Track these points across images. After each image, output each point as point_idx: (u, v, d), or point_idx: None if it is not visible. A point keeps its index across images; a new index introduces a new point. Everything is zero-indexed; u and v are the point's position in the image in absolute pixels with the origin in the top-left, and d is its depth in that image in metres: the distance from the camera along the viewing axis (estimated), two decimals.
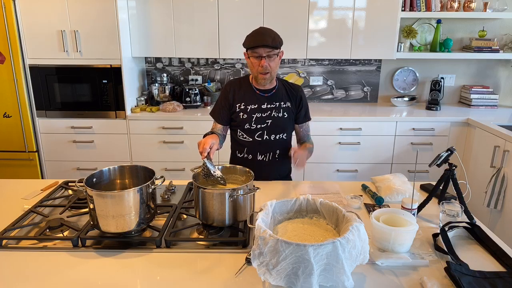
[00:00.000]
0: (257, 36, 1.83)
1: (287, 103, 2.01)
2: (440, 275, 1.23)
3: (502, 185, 2.73)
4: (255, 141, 1.99)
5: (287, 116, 2.00)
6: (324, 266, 1.08)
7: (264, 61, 1.83)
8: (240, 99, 1.98)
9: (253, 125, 1.97)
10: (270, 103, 1.98)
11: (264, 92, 1.99)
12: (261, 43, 1.80)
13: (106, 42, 3.11)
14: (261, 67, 1.85)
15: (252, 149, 2.01)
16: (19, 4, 3.03)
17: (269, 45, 1.81)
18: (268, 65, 1.85)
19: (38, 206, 1.66)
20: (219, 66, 3.73)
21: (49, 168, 3.38)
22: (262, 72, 1.87)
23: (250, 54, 1.87)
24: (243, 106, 1.97)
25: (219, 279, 1.22)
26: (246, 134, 1.99)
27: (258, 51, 1.82)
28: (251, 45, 1.83)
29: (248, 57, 1.89)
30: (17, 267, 1.27)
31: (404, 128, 3.25)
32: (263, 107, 1.97)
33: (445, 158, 1.59)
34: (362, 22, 3.27)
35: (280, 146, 2.03)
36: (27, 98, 3.19)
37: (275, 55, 1.86)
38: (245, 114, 1.97)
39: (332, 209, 1.33)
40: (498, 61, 3.70)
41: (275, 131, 1.99)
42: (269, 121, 1.98)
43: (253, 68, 1.90)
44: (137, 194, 1.37)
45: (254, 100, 1.97)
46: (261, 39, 1.81)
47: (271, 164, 2.03)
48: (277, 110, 1.99)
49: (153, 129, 3.26)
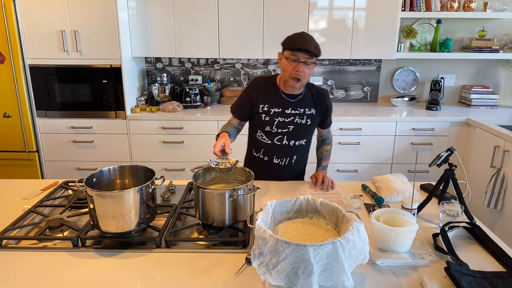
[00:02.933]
0: (301, 40, 1.76)
1: (311, 109, 1.95)
2: (440, 275, 1.23)
3: (502, 185, 2.73)
4: (274, 144, 1.95)
5: (310, 123, 1.95)
6: (324, 266, 1.08)
7: (300, 66, 1.76)
8: (264, 100, 1.92)
9: (274, 128, 1.92)
10: (294, 109, 1.92)
11: (291, 97, 1.92)
12: (304, 47, 1.73)
13: (106, 42, 3.11)
14: (295, 71, 1.78)
15: (269, 152, 1.97)
16: (19, 4, 3.03)
17: (311, 52, 1.74)
18: (303, 71, 1.78)
19: (38, 206, 1.66)
20: (219, 66, 3.73)
21: (49, 168, 3.38)
22: (294, 76, 1.80)
23: (288, 55, 1.79)
24: (266, 108, 1.91)
25: (219, 279, 1.22)
26: (265, 136, 1.95)
27: (298, 55, 1.76)
28: (292, 46, 1.76)
29: (285, 58, 1.80)
30: (17, 267, 1.27)
31: (404, 128, 3.25)
32: (287, 112, 1.91)
33: (445, 158, 1.59)
34: (362, 22, 3.27)
35: (299, 151, 2.00)
36: (27, 98, 3.19)
37: (312, 63, 1.80)
38: (267, 117, 1.91)
39: (332, 209, 1.33)
40: (498, 61, 3.70)
41: (295, 137, 1.95)
42: (291, 126, 1.93)
43: (286, 71, 1.82)
44: (137, 194, 1.37)
45: (279, 104, 1.91)
46: (305, 43, 1.74)
47: (286, 168, 2.00)
48: (300, 116, 1.93)
49: (153, 129, 3.26)
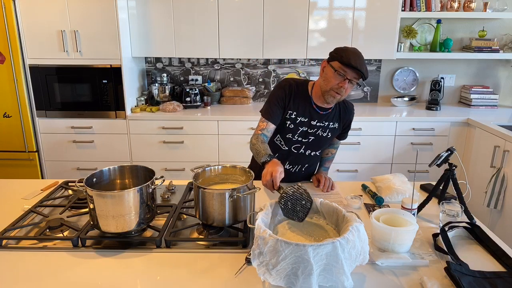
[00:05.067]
0: (356, 58, 1.68)
1: (335, 124, 1.93)
2: (440, 275, 1.23)
3: (502, 185, 2.73)
4: (290, 151, 1.92)
5: (330, 136, 1.94)
6: (323, 266, 1.08)
7: (346, 82, 1.70)
8: (294, 107, 1.86)
9: (295, 137, 1.89)
10: (320, 121, 1.89)
11: (321, 110, 1.87)
12: (358, 66, 1.66)
13: (106, 42, 3.11)
14: (339, 86, 1.72)
15: (283, 157, 1.93)
16: (19, 4, 3.03)
17: (362, 73, 1.68)
18: (346, 89, 1.72)
19: (38, 206, 1.66)
20: (219, 66, 3.73)
21: (49, 168, 3.38)
22: (336, 91, 1.74)
23: (337, 67, 1.71)
24: (294, 115, 1.86)
25: (219, 279, 1.22)
26: (284, 141, 1.91)
27: (348, 72, 1.69)
28: (346, 61, 1.67)
29: (333, 70, 1.72)
30: (17, 267, 1.27)
31: (404, 128, 3.25)
32: (312, 123, 1.88)
33: (445, 158, 1.59)
34: (362, 22, 3.27)
35: (312, 161, 2.00)
36: (27, 98, 3.19)
37: (356, 84, 1.76)
38: (292, 124, 1.87)
39: (332, 209, 1.33)
40: (498, 61, 3.70)
41: (313, 148, 1.94)
42: (312, 138, 1.90)
43: (329, 82, 1.74)
44: (137, 194, 1.37)
45: (307, 114, 1.87)
46: (360, 63, 1.67)
47: (295, 174, 1.99)
48: (323, 129, 1.90)
49: (153, 129, 3.26)
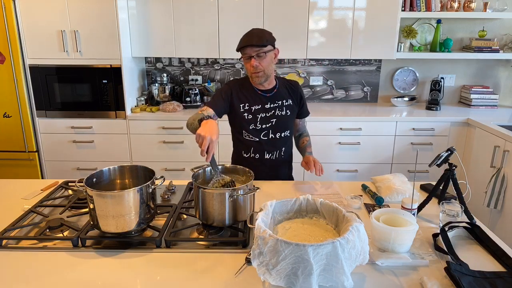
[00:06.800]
0: (244, 37, 1.87)
1: (288, 100, 2.04)
2: (440, 275, 1.23)
3: (502, 185, 2.73)
4: (261, 140, 2.02)
5: (289, 114, 2.04)
6: (323, 266, 1.08)
7: (253, 60, 1.86)
8: (243, 100, 1.99)
9: (258, 125, 2.00)
10: (273, 103, 2.01)
11: (266, 92, 2.01)
12: (247, 43, 1.83)
13: (106, 42, 3.11)
14: (252, 67, 1.87)
15: (258, 149, 2.03)
16: (19, 4, 3.03)
17: (254, 44, 1.83)
18: (259, 64, 1.87)
19: (38, 206, 1.66)
20: (219, 66, 3.73)
21: (49, 168, 3.38)
22: (253, 72, 1.89)
23: (242, 56, 1.90)
24: (247, 106, 1.99)
25: (219, 279, 1.22)
26: (251, 134, 2.01)
27: (247, 52, 1.85)
28: (238, 47, 1.87)
29: (243, 59, 1.92)
30: (17, 267, 1.27)
31: (404, 128, 3.25)
32: (267, 107, 2.00)
33: (445, 158, 1.59)
34: (362, 22, 3.27)
35: (285, 143, 2.08)
36: (27, 98, 3.19)
37: (264, 53, 1.86)
38: (250, 115, 1.99)
39: (332, 209, 1.33)
40: (498, 61, 3.70)
41: (279, 129, 2.03)
42: (273, 120, 2.01)
43: (247, 70, 1.93)
44: (137, 194, 1.37)
45: (258, 101, 2.00)
46: (247, 39, 1.84)
47: (277, 161, 2.07)
48: (280, 108, 2.02)
49: (153, 129, 3.26)
